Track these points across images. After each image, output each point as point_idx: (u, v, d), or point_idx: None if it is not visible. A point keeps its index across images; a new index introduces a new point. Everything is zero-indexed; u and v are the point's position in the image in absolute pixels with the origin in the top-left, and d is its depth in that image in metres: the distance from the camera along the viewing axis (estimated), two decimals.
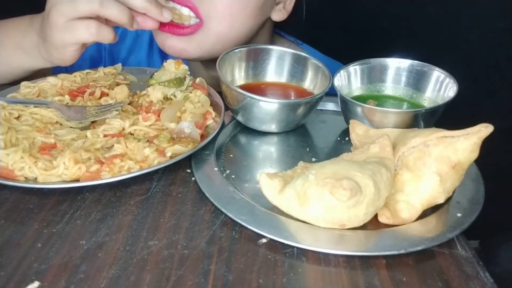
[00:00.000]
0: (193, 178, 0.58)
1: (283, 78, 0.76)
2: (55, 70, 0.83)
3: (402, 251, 0.47)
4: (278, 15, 0.83)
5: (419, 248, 0.48)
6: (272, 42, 0.93)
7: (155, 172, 0.59)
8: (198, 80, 0.74)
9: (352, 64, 0.72)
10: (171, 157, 0.59)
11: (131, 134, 0.64)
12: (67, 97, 0.70)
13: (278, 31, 0.97)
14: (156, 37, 0.79)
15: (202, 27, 0.75)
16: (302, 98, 0.67)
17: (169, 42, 0.76)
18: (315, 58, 0.73)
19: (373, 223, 0.51)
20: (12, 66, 0.77)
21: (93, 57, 0.94)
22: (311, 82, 0.74)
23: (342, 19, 1.23)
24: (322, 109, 0.75)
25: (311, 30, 1.01)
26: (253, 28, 0.80)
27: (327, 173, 0.49)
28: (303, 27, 1.00)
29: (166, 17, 0.68)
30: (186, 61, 0.90)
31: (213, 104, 0.70)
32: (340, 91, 0.67)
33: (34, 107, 0.66)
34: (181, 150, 0.60)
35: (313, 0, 0.89)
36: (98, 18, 0.65)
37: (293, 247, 0.48)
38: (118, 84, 0.75)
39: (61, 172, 0.55)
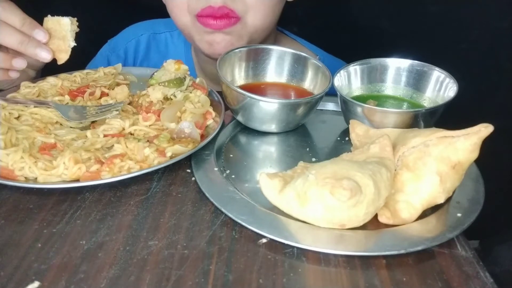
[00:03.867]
0: (193, 178, 0.58)
1: (283, 78, 0.76)
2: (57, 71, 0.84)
3: (402, 251, 0.47)
4: None
5: (419, 248, 0.48)
6: (276, 39, 0.93)
7: (155, 172, 0.59)
8: (198, 80, 0.74)
9: (352, 64, 0.72)
10: (171, 157, 0.59)
11: (131, 134, 0.64)
12: (67, 97, 0.70)
13: (281, 29, 0.97)
14: (201, 38, 0.81)
15: (239, 20, 0.78)
16: (302, 98, 0.67)
17: (218, 38, 0.79)
18: (315, 58, 0.73)
19: (373, 223, 0.51)
20: None
21: None
22: (311, 82, 0.74)
23: (342, 19, 1.23)
24: (322, 109, 0.75)
25: (311, 30, 1.01)
26: (278, 14, 0.84)
27: (327, 173, 0.49)
28: (303, 27, 1.00)
29: (44, 57, 0.68)
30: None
31: (213, 104, 0.70)
32: (340, 91, 0.67)
33: (34, 107, 0.66)
34: (181, 150, 0.60)
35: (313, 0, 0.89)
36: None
37: (293, 247, 0.48)
38: (118, 84, 0.75)
39: (61, 172, 0.55)
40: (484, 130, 0.52)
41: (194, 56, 0.97)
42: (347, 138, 0.67)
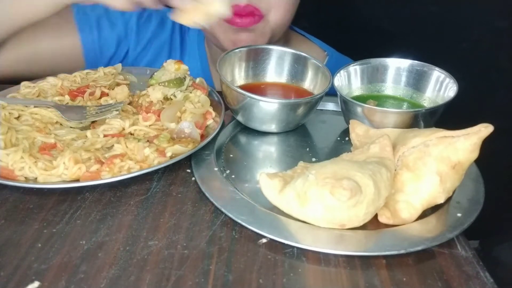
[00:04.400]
0: (193, 178, 0.58)
1: (283, 78, 0.76)
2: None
3: (402, 251, 0.47)
4: None
5: (419, 248, 0.48)
6: (287, 36, 0.94)
7: (155, 172, 0.59)
8: (198, 80, 0.74)
9: (352, 64, 0.72)
10: (171, 157, 0.59)
11: (131, 134, 0.64)
12: (67, 97, 0.70)
13: (291, 26, 0.97)
14: (225, 37, 0.82)
15: (263, 18, 0.79)
16: (302, 98, 0.67)
17: (243, 36, 0.81)
18: (315, 58, 0.73)
19: (373, 223, 0.51)
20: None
21: (120, 37, 0.94)
22: (311, 82, 0.74)
23: (342, 19, 1.23)
24: (322, 109, 0.75)
25: (311, 30, 1.01)
26: (295, 12, 0.86)
27: (327, 173, 0.49)
28: (304, 27, 1.00)
29: None
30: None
31: (213, 104, 0.70)
32: (340, 91, 0.67)
33: (34, 107, 0.66)
34: (181, 150, 0.60)
35: (313, 0, 0.90)
36: None
37: (293, 247, 0.48)
38: (118, 84, 0.75)
39: (61, 172, 0.55)
40: (484, 130, 0.52)
41: (207, 48, 0.97)
42: (347, 138, 0.67)
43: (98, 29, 0.90)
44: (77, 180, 0.56)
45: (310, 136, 0.69)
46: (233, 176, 0.59)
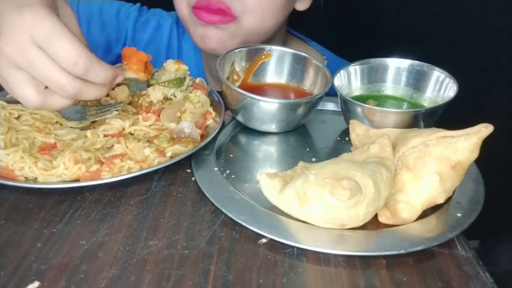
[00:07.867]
0: (193, 178, 0.58)
1: (283, 79, 0.76)
2: None
3: (402, 251, 0.47)
4: (302, 4, 0.86)
5: (419, 248, 0.48)
6: (284, 39, 0.94)
7: (155, 172, 0.59)
8: (198, 80, 0.74)
9: (352, 64, 0.72)
10: (171, 157, 0.59)
11: (131, 134, 0.64)
12: None
13: (288, 29, 0.97)
14: (194, 30, 0.80)
15: (235, 20, 0.77)
16: (302, 98, 0.67)
17: (211, 32, 0.78)
18: (315, 58, 0.73)
19: (373, 223, 0.51)
20: None
21: (110, 39, 0.92)
22: (311, 82, 0.74)
23: (342, 19, 1.23)
24: (322, 109, 0.75)
25: (311, 30, 1.01)
26: (282, 20, 0.83)
27: (327, 173, 0.49)
28: (303, 27, 1.00)
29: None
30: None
31: (213, 104, 0.70)
32: (340, 91, 0.67)
33: None
34: (181, 150, 0.60)
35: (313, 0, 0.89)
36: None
37: (293, 247, 0.48)
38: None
39: (61, 172, 0.55)
40: (484, 130, 0.52)
41: (202, 53, 0.97)
42: (347, 138, 0.67)
43: (87, 28, 0.89)
44: (77, 180, 0.56)
45: (310, 136, 0.69)
46: (233, 176, 0.59)
